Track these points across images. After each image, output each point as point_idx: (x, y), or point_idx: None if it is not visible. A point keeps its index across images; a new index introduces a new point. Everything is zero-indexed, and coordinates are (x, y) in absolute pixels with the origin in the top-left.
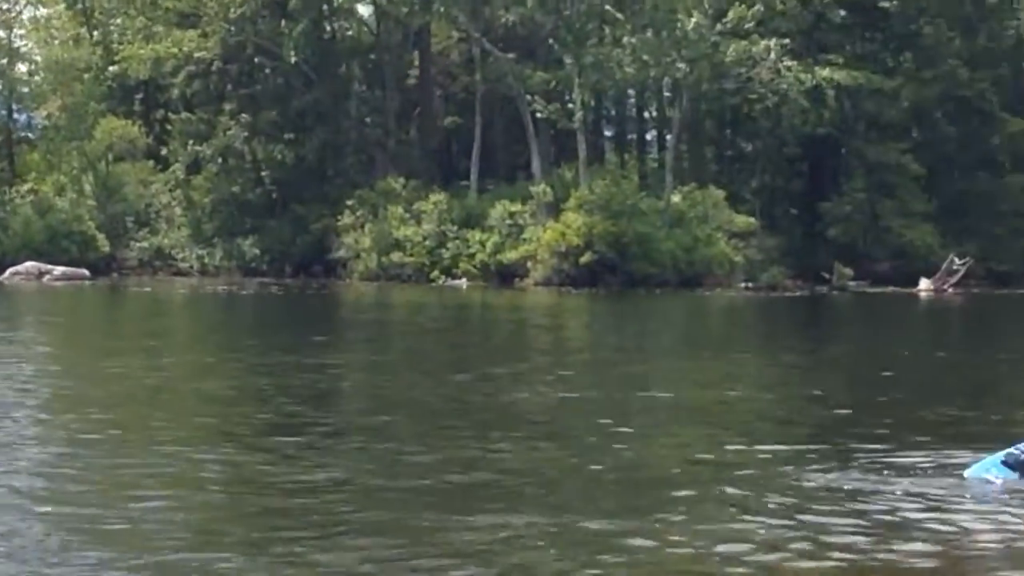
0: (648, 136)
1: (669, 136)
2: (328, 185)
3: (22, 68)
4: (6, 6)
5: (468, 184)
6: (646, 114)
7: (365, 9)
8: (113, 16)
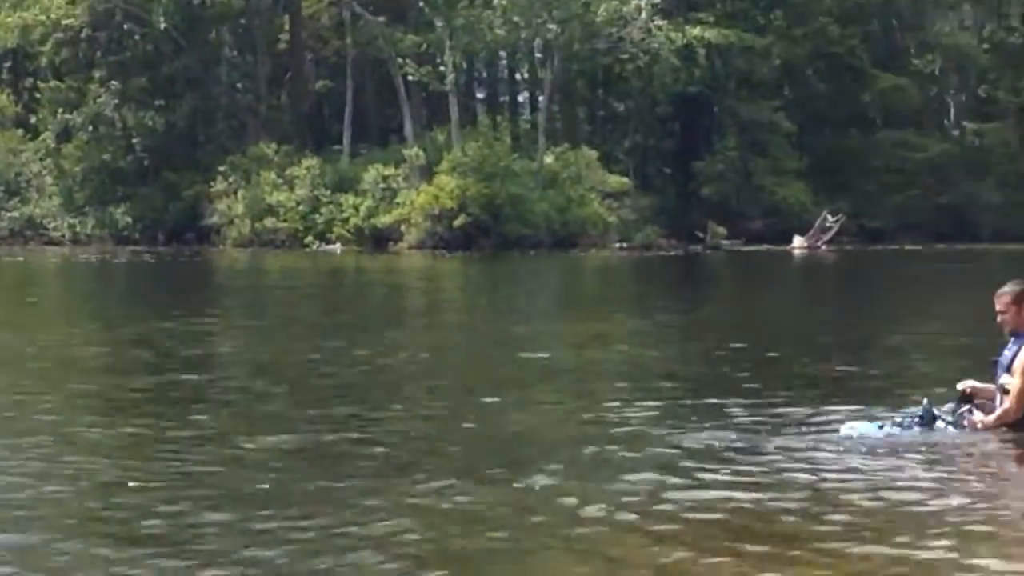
0: (520, 98)
1: (541, 97)
2: (200, 151)
3: None
4: None
5: (341, 148)
6: (518, 76)
7: None
8: None
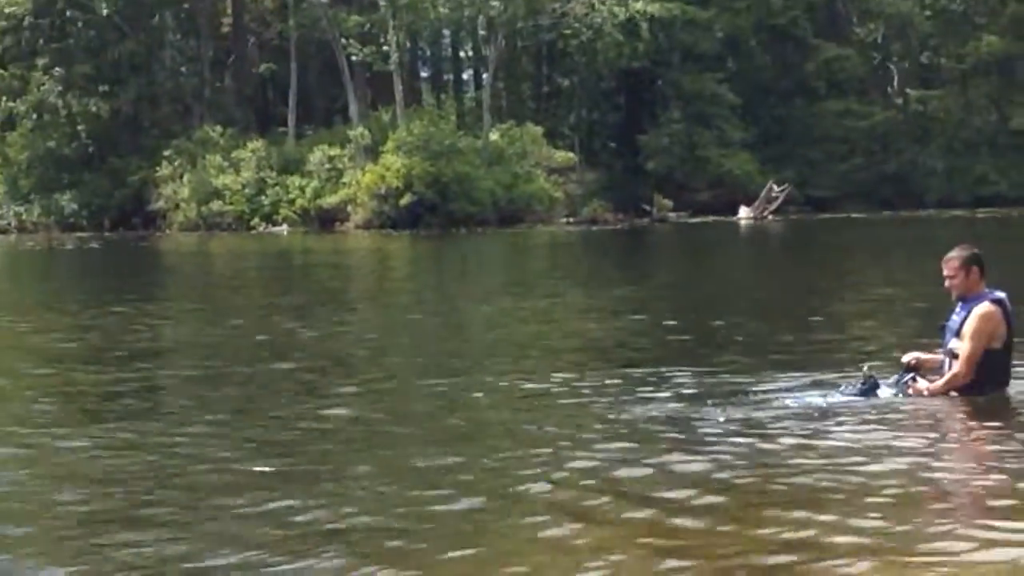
0: (465, 75)
1: (485, 75)
2: (145, 136)
3: None
4: None
5: (286, 130)
6: (462, 54)
7: None
8: None
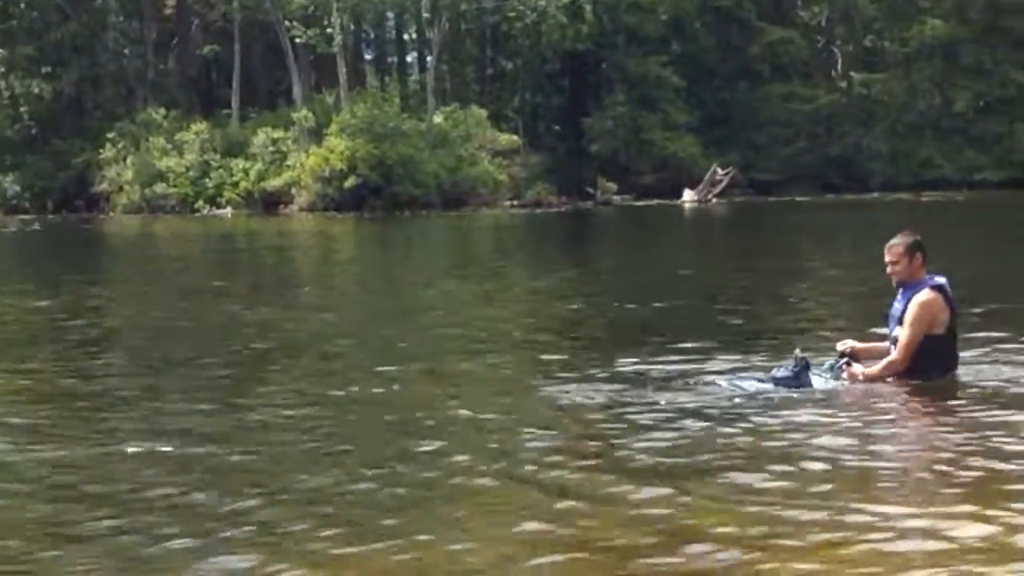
0: (408, 58)
1: (429, 57)
2: (88, 118)
3: None
4: None
5: (229, 112)
6: (406, 36)
7: None
8: None
